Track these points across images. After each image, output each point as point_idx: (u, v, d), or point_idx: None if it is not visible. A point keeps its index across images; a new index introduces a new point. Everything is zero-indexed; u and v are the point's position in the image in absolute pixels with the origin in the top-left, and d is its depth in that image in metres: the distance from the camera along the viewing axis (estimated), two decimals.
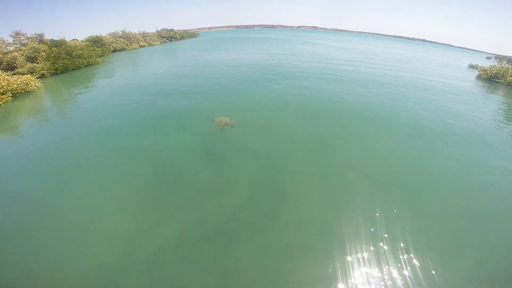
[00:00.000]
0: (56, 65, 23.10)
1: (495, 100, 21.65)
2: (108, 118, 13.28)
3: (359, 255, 5.64)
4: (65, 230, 6.44)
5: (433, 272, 5.34)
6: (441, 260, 5.65)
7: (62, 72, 23.52)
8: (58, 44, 25.87)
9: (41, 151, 10.15)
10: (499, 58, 67.96)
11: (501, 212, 7.24)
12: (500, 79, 30.13)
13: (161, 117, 13.14)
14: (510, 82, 27.97)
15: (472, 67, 44.29)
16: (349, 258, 5.58)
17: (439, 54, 75.43)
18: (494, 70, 32.60)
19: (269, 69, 24.91)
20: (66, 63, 23.94)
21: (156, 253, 5.78)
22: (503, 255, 5.91)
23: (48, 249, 5.94)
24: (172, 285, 5.15)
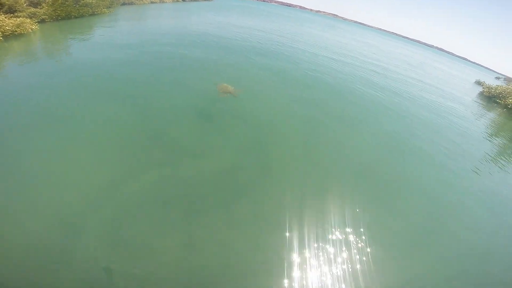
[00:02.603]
0: (59, 11, 22.32)
1: (487, 118, 22.06)
2: (100, 65, 12.88)
3: (326, 243, 5.88)
4: (30, 174, 6.10)
5: (390, 264, 5.83)
6: (399, 254, 6.17)
7: (63, 19, 22.76)
8: None
9: (21, 91, 9.65)
10: (508, 79, 67.27)
11: (458, 222, 7.85)
12: (501, 100, 30.31)
13: (159, 72, 12.90)
14: (508, 104, 28.20)
15: (478, 83, 44.11)
16: (316, 244, 5.79)
17: (452, 66, 74.32)
18: (498, 90, 32.67)
19: (283, 46, 24.39)
20: (69, 10, 23.16)
21: (123, 208, 5.64)
22: (457, 256, 6.55)
23: (7, 193, 5.60)
24: (131, 245, 5.03)
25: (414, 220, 7.40)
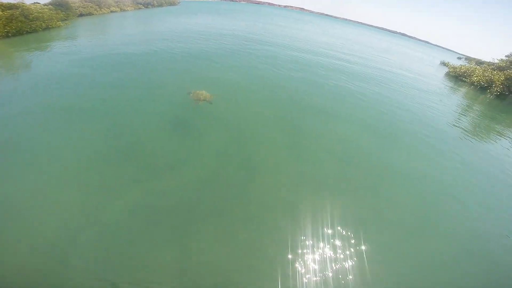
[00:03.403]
0: (8, 28, 20.34)
1: (457, 96, 23.13)
2: (62, 79, 12.05)
3: (322, 240, 5.75)
4: (6, 205, 5.78)
5: (382, 255, 5.73)
6: (391, 245, 6.08)
7: (14, 35, 20.79)
8: (14, 7, 22.66)
9: None
10: (468, 59, 71.83)
11: (443, 204, 7.87)
12: (466, 78, 31.99)
13: (125, 85, 12.09)
14: (473, 82, 29.83)
15: (443, 64, 46.49)
16: (312, 242, 5.66)
17: (417, 49, 78.03)
18: (463, 69, 34.48)
19: (252, 45, 23.90)
20: (20, 26, 21.17)
21: (108, 228, 5.37)
22: (443, 244, 6.44)
23: None
24: (124, 264, 4.82)
25: (407, 205, 7.42)
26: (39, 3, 31.06)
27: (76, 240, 5.14)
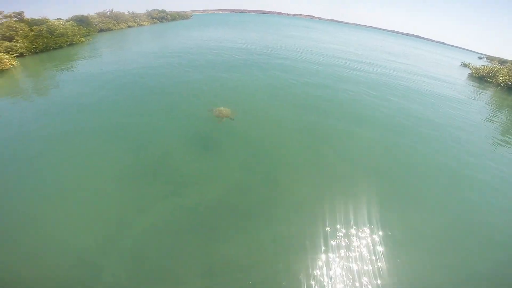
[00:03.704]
0: (36, 44, 21.52)
1: (485, 98, 21.93)
2: (89, 97, 12.50)
3: (351, 258, 5.53)
4: (39, 220, 5.96)
5: (416, 266, 5.48)
6: (425, 253, 5.81)
7: (42, 51, 21.97)
8: (39, 23, 24.05)
9: (13, 131, 9.49)
10: (490, 58, 68.99)
11: (481, 208, 7.46)
12: (491, 79, 30.49)
13: (148, 104, 12.29)
14: (500, 82, 28.33)
15: (464, 65, 44.69)
16: (338, 253, 5.54)
17: (434, 51, 75.98)
18: (486, 70, 32.93)
19: (270, 55, 24.07)
20: (46, 42, 22.35)
21: (138, 242, 5.52)
22: (483, 252, 6.08)
23: (21, 241, 5.49)
24: (155, 276, 4.93)
25: (438, 213, 7.09)
26: (61, 18, 32.76)
27: (108, 253, 5.26)
